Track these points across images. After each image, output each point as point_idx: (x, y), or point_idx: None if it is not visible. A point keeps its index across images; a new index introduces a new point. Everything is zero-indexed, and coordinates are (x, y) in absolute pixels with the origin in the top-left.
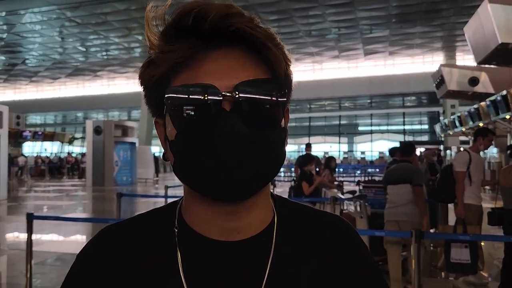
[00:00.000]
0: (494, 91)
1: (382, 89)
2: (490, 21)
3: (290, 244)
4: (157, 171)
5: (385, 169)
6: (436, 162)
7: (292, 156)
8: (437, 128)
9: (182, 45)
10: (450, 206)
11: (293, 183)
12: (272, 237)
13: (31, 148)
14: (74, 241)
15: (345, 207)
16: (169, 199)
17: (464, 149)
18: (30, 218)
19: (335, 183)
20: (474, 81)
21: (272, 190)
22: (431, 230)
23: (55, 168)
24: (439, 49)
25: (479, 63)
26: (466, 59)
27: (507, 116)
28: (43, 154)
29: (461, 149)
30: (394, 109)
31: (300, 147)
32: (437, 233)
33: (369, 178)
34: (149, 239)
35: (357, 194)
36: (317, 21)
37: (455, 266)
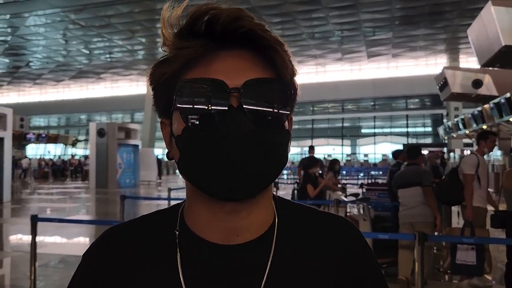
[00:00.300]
0: (498, 94)
1: (385, 92)
2: (494, 24)
3: (291, 245)
4: (160, 174)
5: (388, 172)
6: (440, 165)
7: (295, 159)
8: (441, 131)
9: (196, 43)
10: (454, 209)
11: (296, 186)
12: (273, 239)
13: (35, 151)
14: (78, 243)
15: (348, 210)
16: (172, 201)
17: (472, 152)
18: (34, 220)
19: (339, 186)
20: (478, 84)
21: (275, 193)
22: (435, 233)
23: (59, 171)
24: (443, 52)
25: (483, 66)
26: (470, 62)
27: (511, 119)
28: (47, 157)
29: (466, 152)
30: (398, 112)
31: (303, 150)
32: (441, 236)
33: (372, 181)
34: (151, 241)
35: (360, 197)
36: (321, 24)
37: (461, 268)
